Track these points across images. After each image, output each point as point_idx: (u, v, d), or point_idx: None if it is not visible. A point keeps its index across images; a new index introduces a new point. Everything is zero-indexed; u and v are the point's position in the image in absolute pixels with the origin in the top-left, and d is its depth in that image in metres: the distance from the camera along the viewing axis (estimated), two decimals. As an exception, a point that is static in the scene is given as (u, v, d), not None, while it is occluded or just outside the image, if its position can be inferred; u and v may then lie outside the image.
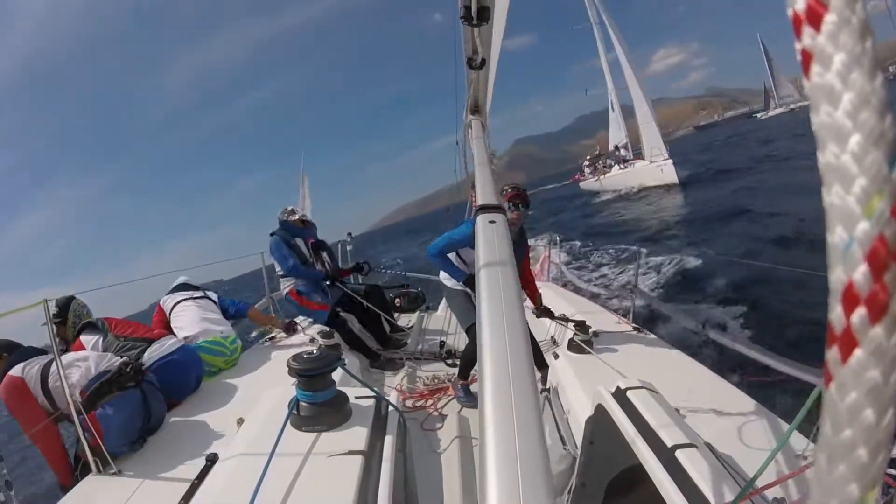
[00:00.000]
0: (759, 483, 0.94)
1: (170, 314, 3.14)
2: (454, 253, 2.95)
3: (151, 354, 2.55)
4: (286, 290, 3.86)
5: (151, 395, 2.22)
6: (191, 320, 3.09)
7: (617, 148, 28.22)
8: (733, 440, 1.60)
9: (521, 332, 0.61)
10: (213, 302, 3.37)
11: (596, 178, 28.79)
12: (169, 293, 3.30)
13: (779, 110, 75.84)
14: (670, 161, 21.92)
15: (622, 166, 26.58)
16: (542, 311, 3.09)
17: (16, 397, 2.05)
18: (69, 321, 2.69)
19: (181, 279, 3.49)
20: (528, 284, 3.17)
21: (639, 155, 25.35)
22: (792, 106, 73.56)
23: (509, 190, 2.85)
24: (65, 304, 2.70)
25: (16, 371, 2.08)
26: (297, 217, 3.98)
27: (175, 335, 2.93)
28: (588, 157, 31.12)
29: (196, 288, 3.42)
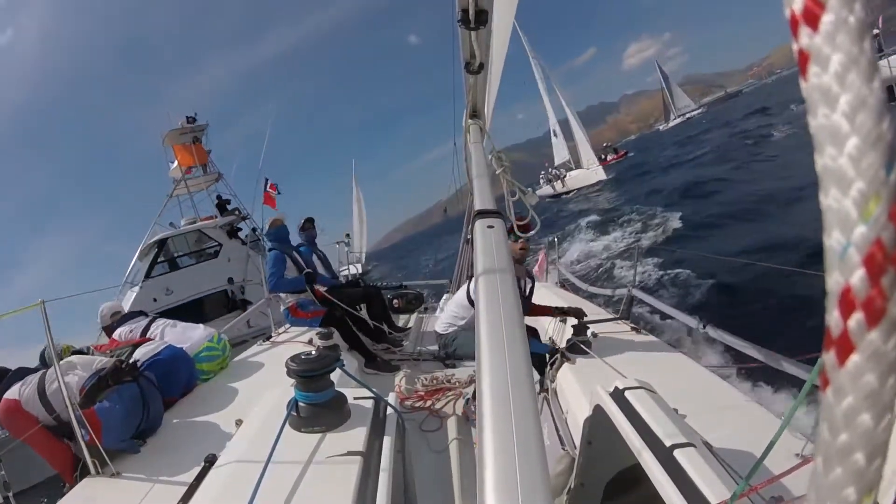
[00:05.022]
0: (757, 481, 0.94)
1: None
2: None
3: (142, 356, 2.55)
4: (286, 305, 3.89)
5: (148, 390, 2.23)
6: (177, 336, 3.04)
7: (559, 167, 41.41)
8: (732, 440, 1.60)
9: (519, 335, 0.61)
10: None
11: (551, 186, 40.42)
12: (118, 324, 3.15)
13: (678, 121, 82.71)
14: (601, 167, 36.15)
15: (566, 176, 39.07)
16: (561, 315, 3.09)
17: (10, 419, 2.09)
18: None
19: (114, 307, 3.37)
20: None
21: (579, 166, 38.70)
22: (688, 115, 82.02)
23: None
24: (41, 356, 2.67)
25: (11, 393, 2.12)
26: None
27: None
28: (542, 173, 44.28)
29: (140, 312, 3.38)
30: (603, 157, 47.01)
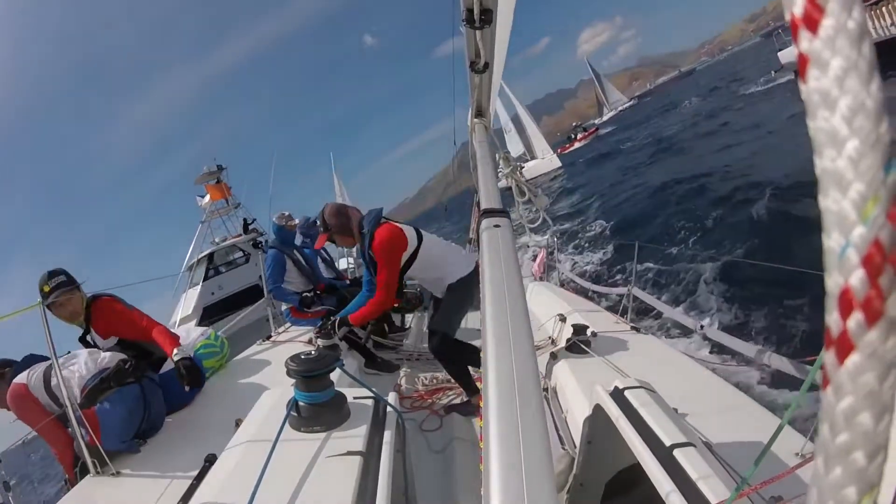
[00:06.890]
0: (757, 481, 0.94)
1: None
2: None
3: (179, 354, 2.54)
4: (287, 306, 3.88)
5: (151, 392, 2.23)
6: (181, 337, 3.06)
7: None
8: (731, 439, 1.60)
9: (525, 335, 0.62)
10: None
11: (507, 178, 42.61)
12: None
13: (611, 114, 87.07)
14: (555, 155, 37.92)
15: (523, 167, 39.38)
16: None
17: (19, 403, 2.12)
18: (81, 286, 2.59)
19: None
20: None
21: (533, 157, 39.91)
22: (620, 108, 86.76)
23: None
24: (66, 273, 2.53)
25: (20, 378, 2.15)
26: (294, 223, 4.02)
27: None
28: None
29: None
30: (574, 136, 51.96)
